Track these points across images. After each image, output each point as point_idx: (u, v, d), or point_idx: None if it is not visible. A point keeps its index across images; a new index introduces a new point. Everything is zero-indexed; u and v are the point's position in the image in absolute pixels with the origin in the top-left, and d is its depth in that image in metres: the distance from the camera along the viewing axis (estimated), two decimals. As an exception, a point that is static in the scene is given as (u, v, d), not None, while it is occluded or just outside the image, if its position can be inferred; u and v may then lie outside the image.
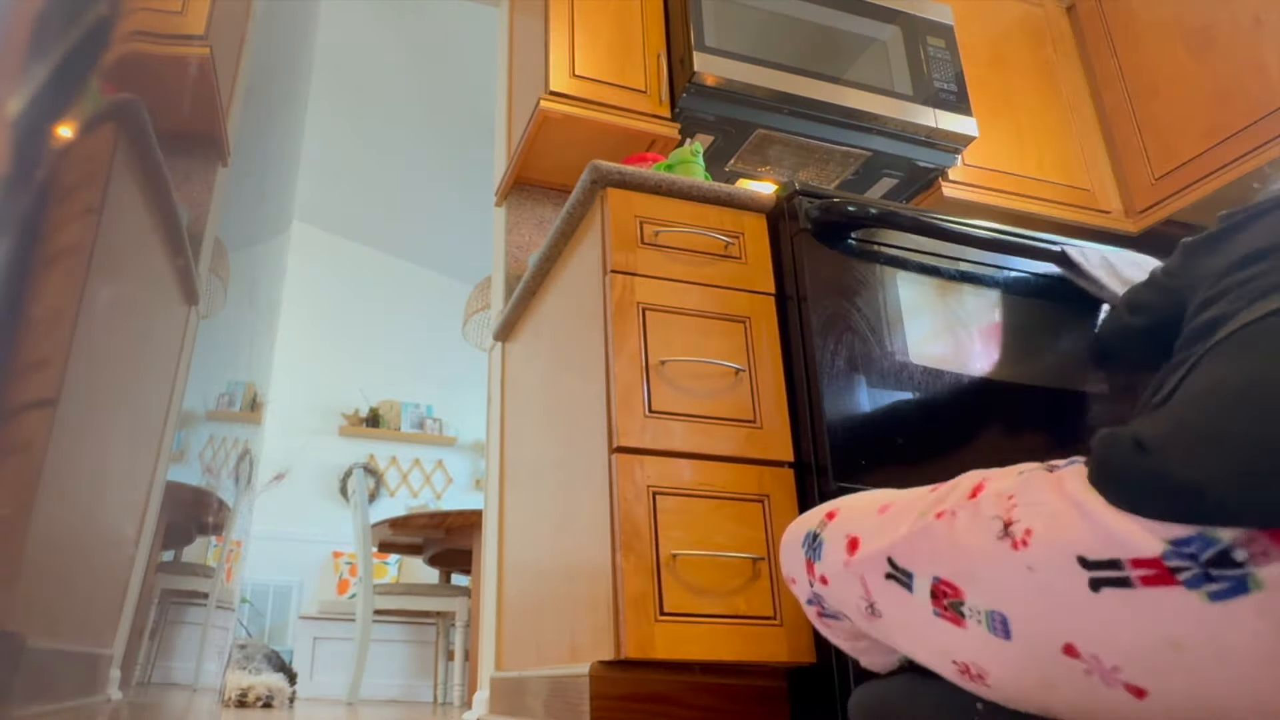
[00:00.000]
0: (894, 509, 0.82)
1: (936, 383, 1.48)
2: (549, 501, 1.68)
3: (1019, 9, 2.80)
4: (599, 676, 1.25)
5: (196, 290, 0.69)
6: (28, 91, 0.41)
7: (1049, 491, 0.68)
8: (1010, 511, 0.68)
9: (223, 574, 1.05)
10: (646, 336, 1.42)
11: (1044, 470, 0.71)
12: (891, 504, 0.83)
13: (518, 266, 2.33)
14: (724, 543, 1.31)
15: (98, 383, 0.49)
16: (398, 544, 3.74)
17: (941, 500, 0.77)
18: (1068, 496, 0.65)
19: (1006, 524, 0.68)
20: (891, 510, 0.82)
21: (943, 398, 1.47)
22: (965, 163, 2.37)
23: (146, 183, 0.53)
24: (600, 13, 2.19)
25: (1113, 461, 0.64)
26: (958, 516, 0.73)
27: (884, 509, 0.84)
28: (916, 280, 1.57)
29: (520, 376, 2.04)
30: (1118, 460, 0.64)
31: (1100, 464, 0.65)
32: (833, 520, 0.90)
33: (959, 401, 1.48)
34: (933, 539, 0.74)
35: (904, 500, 0.82)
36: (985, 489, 0.73)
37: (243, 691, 3.05)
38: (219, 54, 0.68)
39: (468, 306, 3.79)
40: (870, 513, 0.85)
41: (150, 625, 0.72)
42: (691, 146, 1.81)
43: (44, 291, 0.42)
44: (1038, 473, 0.71)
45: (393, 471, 5.44)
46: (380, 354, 5.62)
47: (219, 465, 0.92)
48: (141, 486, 0.62)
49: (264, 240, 1.09)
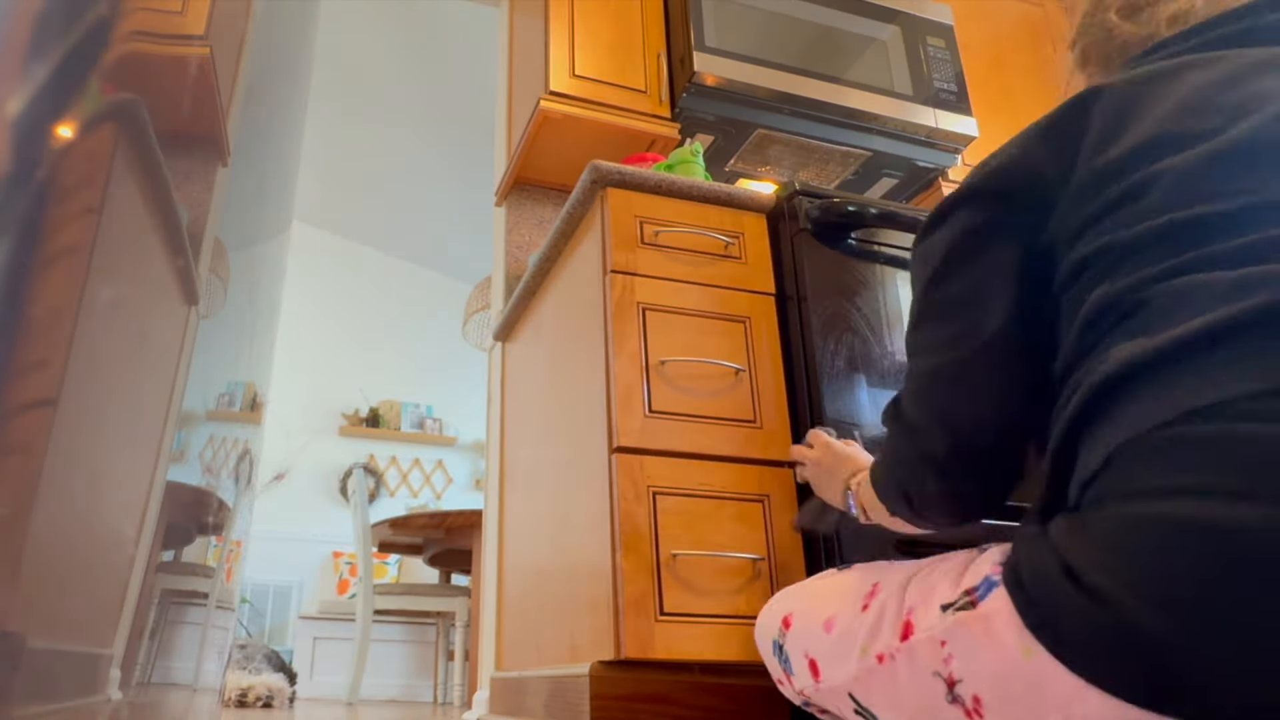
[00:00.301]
0: (836, 628, 0.77)
1: (936, 383, 1.48)
2: (549, 501, 1.68)
3: (1019, 9, 2.80)
4: (599, 676, 1.25)
5: (196, 290, 0.69)
6: (28, 91, 0.41)
7: (983, 647, 0.59)
8: (949, 666, 0.62)
9: (223, 574, 1.05)
10: (646, 336, 1.42)
11: (967, 609, 0.62)
12: (834, 618, 0.78)
13: (518, 266, 2.33)
14: (724, 543, 1.31)
15: (97, 383, 0.49)
16: (398, 544, 3.74)
17: (875, 633, 0.71)
18: (1008, 659, 0.57)
19: (950, 684, 0.62)
20: (835, 630, 0.77)
21: (943, 398, 1.47)
22: (965, 163, 2.37)
23: (146, 183, 0.53)
24: (600, 13, 2.19)
25: (1047, 607, 0.54)
26: (897, 661, 0.67)
27: (829, 626, 0.79)
28: (916, 280, 1.57)
29: (520, 376, 2.04)
30: (1054, 606, 0.54)
31: (1032, 607, 0.56)
32: (789, 631, 0.86)
33: (959, 401, 1.48)
34: (881, 683, 0.70)
35: (843, 616, 0.77)
36: (914, 627, 0.67)
37: (243, 691, 3.05)
38: (219, 54, 0.68)
39: (468, 306, 3.79)
40: (819, 628, 0.80)
41: (150, 625, 0.72)
42: (691, 146, 1.82)
43: (44, 291, 0.42)
44: (961, 615, 0.62)
45: (393, 471, 5.44)
46: (380, 354, 5.62)
47: (219, 465, 0.92)
48: (141, 486, 0.62)
49: (264, 240, 1.09)
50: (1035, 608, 0.55)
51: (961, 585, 0.64)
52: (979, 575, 0.63)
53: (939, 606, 0.64)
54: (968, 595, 0.62)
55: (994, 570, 0.62)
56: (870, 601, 0.74)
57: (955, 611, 0.62)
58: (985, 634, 0.59)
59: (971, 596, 0.62)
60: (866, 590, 0.77)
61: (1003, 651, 0.57)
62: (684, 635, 1.24)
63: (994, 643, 0.58)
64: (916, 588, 0.70)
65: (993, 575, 0.61)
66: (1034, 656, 0.55)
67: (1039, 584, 0.56)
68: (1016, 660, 0.56)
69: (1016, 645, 0.56)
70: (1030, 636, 0.55)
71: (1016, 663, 0.56)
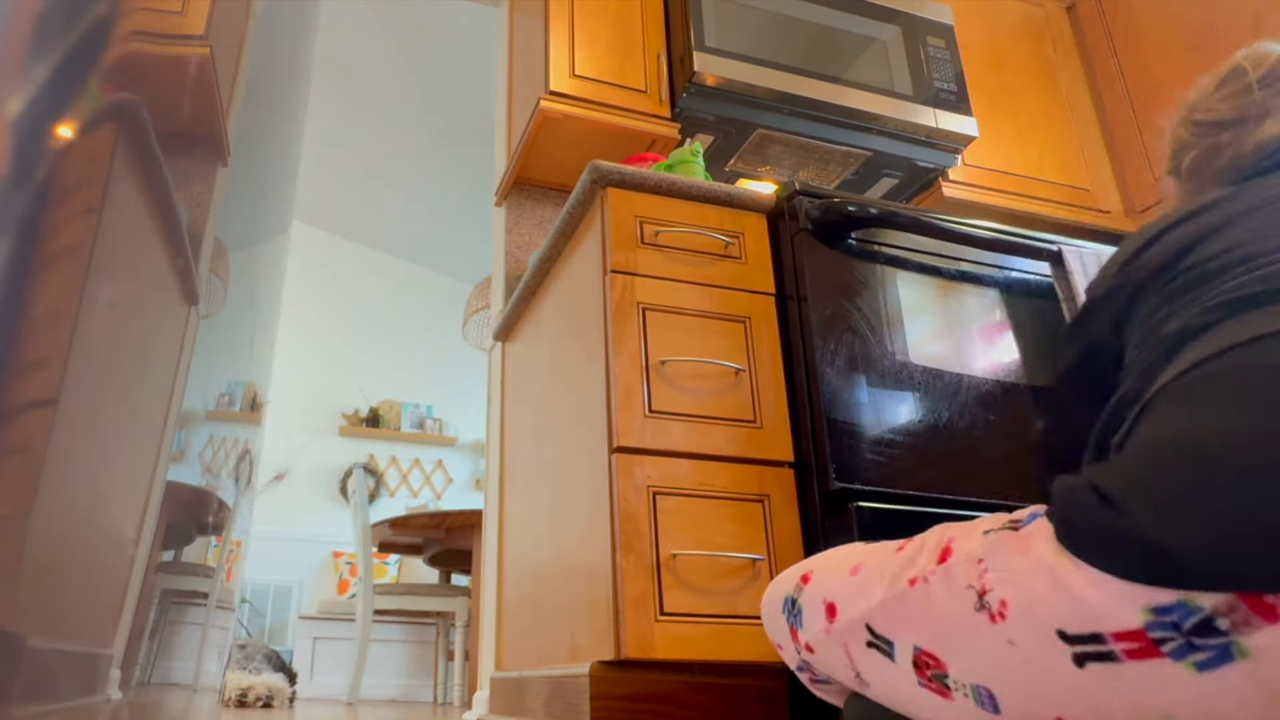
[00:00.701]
0: (865, 570, 0.80)
1: (936, 383, 1.48)
2: (549, 501, 1.68)
3: (1019, 9, 2.80)
4: (599, 676, 1.25)
5: (196, 290, 0.69)
6: (28, 91, 0.41)
7: (1018, 555, 0.65)
8: (983, 579, 0.66)
9: (223, 574, 1.05)
10: (646, 336, 1.42)
11: (1009, 530, 0.68)
12: (862, 564, 0.81)
13: (518, 266, 2.33)
14: (724, 543, 1.31)
15: (98, 383, 0.49)
16: (398, 544, 3.74)
17: (911, 563, 0.74)
18: (1038, 561, 0.63)
19: (981, 594, 0.66)
20: (863, 572, 0.80)
21: (943, 398, 1.47)
22: (965, 163, 2.37)
23: (146, 183, 0.53)
24: (600, 13, 2.19)
25: (1077, 518, 0.62)
26: (930, 583, 0.71)
27: (855, 570, 0.81)
28: (916, 280, 1.57)
29: (520, 376, 2.04)
30: (1082, 516, 0.61)
31: (1064, 521, 0.63)
32: (808, 584, 0.87)
33: (959, 401, 1.48)
34: (908, 607, 0.72)
35: (874, 560, 0.80)
36: (953, 552, 0.71)
37: (243, 691, 3.05)
38: (219, 54, 0.68)
39: (468, 306, 3.79)
40: (843, 575, 0.82)
41: (150, 625, 0.72)
42: (691, 146, 1.82)
43: (44, 291, 0.42)
44: (1003, 534, 0.68)
45: (393, 471, 5.44)
46: (380, 354, 5.62)
47: (219, 465, 0.92)
48: (141, 486, 0.62)
49: (264, 240, 1.09)
50: (1066, 523, 0.63)
51: (1007, 520, 0.70)
52: (1025, 512, 0.70)
53: (981, 532, 0.70)
54: (1012, 523, 0.69)
55: (1038, 509, 0.69)
56: (906, 546, 0.78)
57: (997, 534, 0.68)
58: (1020, 549, 0.65)
59: (1015, 524, 0.68)
60: (900, 543, 0.80)
61: (1033, 557, 0.64)
62: (684, 635, 1.24)
63: (1027, 553, 0.64)
64: (959, 529, 0.74)
65: (1038, 510, 0.68)
66: (1060, 557, 0.62)
67: (1071, 505, 0.63)
68: (1044, 562, 0.63)
69: (1047, 551, 0.63)
70: (1058, 545, 0.62)
71: (1044, 564, 0.63)
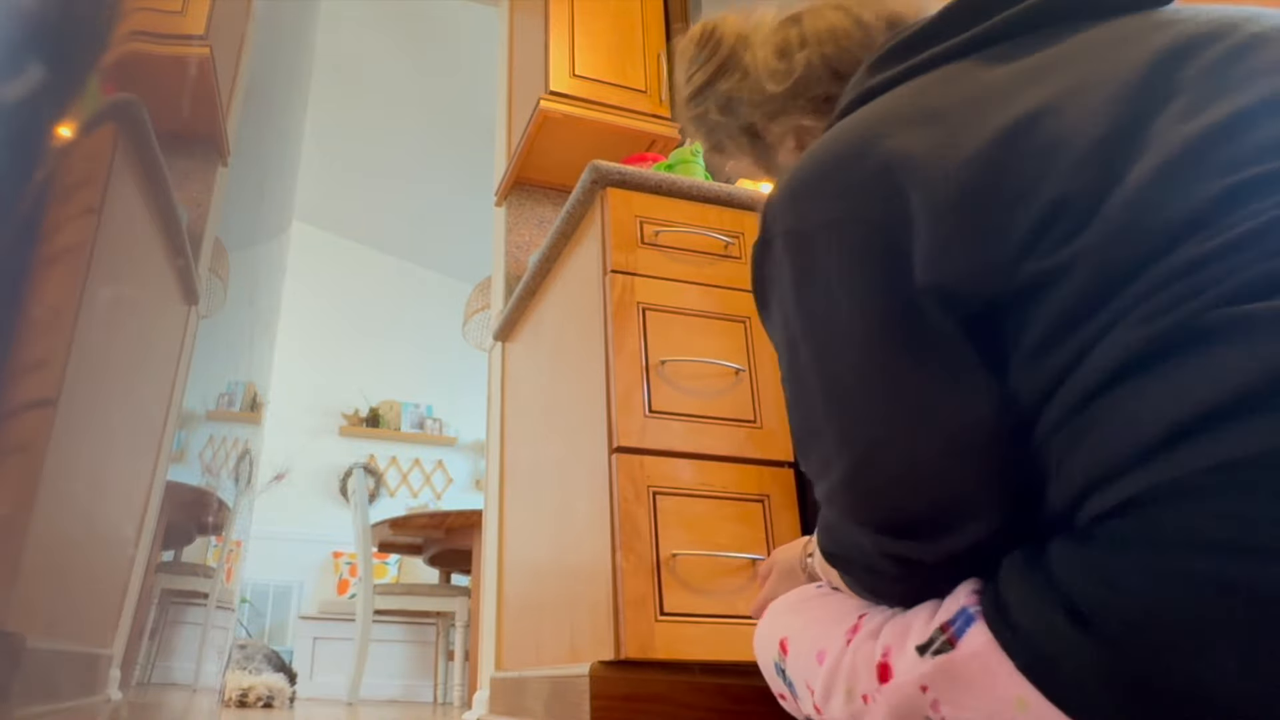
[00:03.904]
0: (826, 663, 0.73)
1: (936, 383, 1.48)
2: (549, 501, 1.68)
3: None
4: (599, 677, 1.25)
5: (196, 290, 0.69)
6: (28, 91, 0.41)
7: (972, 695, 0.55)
8: (939, 713, 0.58)
9: (223, 574, 1.05)
10: (646, 336, 1.42)
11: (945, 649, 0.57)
12: (825, 652, 0.74)
13: (518, 266, 2.33)
14: (724, 543, 1.31)
15: (98, 383, 0.49)
16: (398, 544, 3.74)
17: (855, 675, 0.67)
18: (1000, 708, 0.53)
19: None
20: (825, 665, 0.73)
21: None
22: (965, 163, 2.37)
23: (146, 183, 0.53)
24: (600, 13, 2.19)
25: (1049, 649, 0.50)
26: (879, 705, 0.63)
27: (820, 658, 0.75)
28: (916, 280, 1.57)
29: (520, 376, 2.04)
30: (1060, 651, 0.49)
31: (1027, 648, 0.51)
32: (788, 656, 0.83)
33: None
34: None
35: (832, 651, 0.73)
36: (891, 671, 0.62)
37: (243, 691, 3.05)
38: (219, 54, 0.68)
39: (468, 306, 3.79)
40: (814, 661, 0.77)
41: (150, 625, 0.72)
42: (692, 146, 1.81)
43: (44, 291, 0.42)
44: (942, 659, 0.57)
45: (393, 472, 5.44)
46: (380, 354, 5.62)
47: (219, 465, 0.92)
48: (141, 486, 0.62)
49: (264, 240, 1.09)
50: (1027, 647, 0.51)
51: (936, 620, 0.60)
52: (954, 606, 0.58)
53: (914, 648, 0.60)
54: (943, 632, 0.58)
55: (969, 600, 0.57)
56: (853, 637, 0.71)
57: (933, 655, 0.58)
58: (969, 679, 0.55)
59: (948, 634, 0.57)
60: (851, 623, 0.73)
61: (993, 698, 0.53)
62: (684, 635, 1.24)
63: (982, 687, 0.54)
64: (892, 626, 0.65)
65: (969, 606, 0.57)
66: (1029, 709, 0.51)
67: (1030, 620, 0.51)
68: (1009, 709, 0.52)
69: (1009, 693, 0.52)
70: (1022, 678, 0.51)
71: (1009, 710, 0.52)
